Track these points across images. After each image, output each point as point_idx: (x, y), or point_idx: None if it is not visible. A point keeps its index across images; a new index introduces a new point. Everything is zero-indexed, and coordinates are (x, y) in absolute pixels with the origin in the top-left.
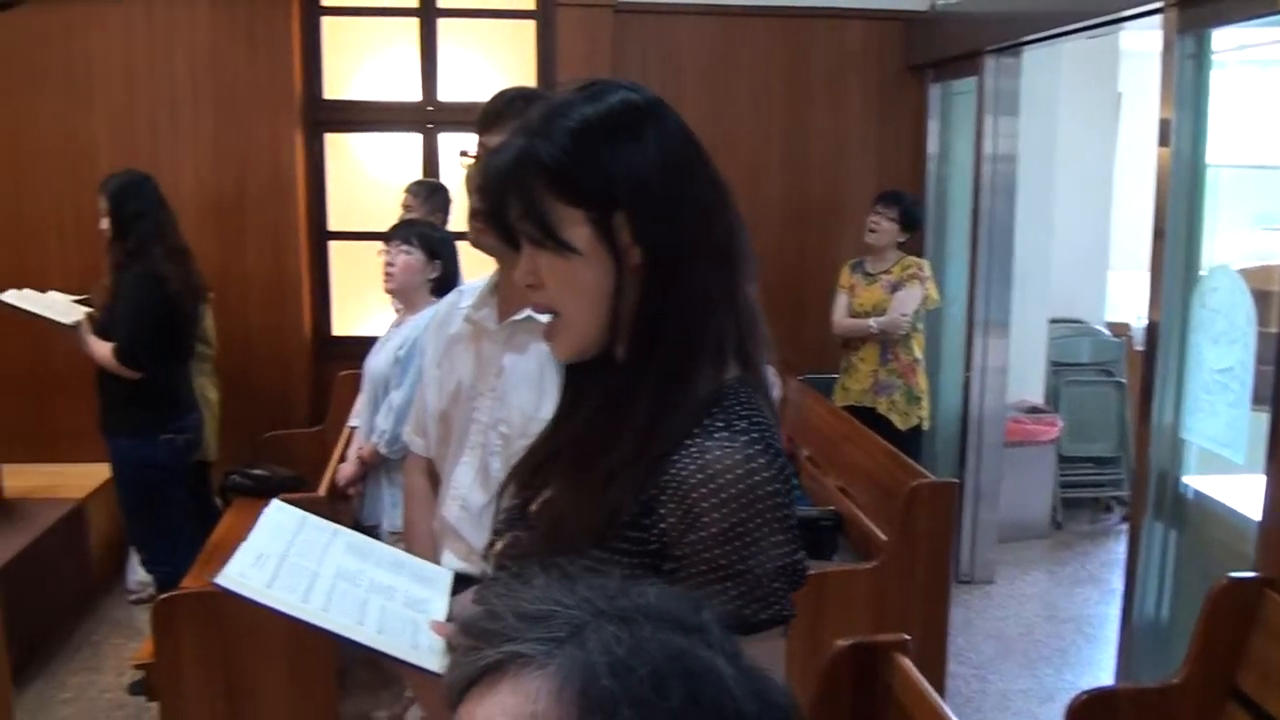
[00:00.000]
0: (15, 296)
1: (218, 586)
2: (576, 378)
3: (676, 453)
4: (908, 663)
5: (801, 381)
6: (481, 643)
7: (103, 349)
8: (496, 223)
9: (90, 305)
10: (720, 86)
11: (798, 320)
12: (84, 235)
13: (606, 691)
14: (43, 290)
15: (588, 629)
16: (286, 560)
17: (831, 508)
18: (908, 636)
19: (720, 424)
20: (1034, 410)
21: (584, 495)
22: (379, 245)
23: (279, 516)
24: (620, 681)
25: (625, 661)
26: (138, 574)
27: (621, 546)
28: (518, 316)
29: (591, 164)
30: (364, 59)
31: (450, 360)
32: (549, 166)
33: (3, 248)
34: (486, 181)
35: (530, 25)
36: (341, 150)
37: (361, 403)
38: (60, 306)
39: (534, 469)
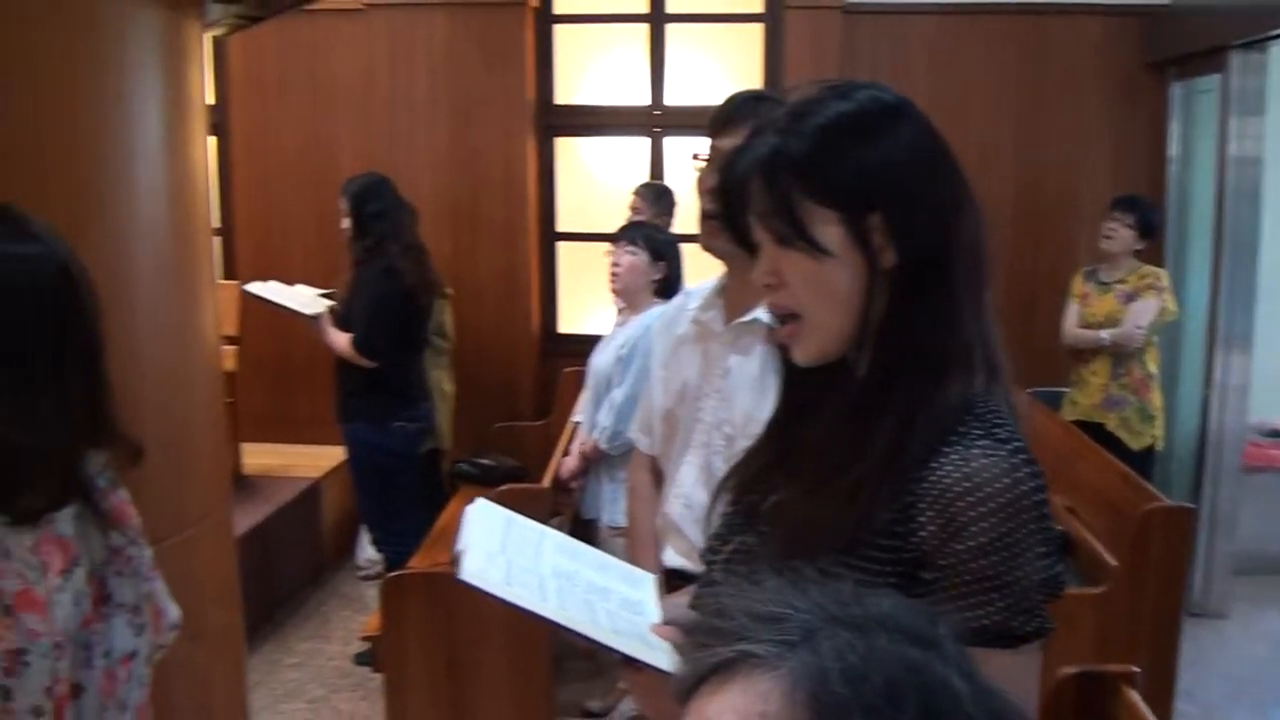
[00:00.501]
0: (261, 288)
1: (461, 582)
2: (801, 381)
3: (934, 460)
4: (1135, 696)
5: (1029, 393)
6: (713, 640)
7: (341, 340)
8: (734, 223)
9: (333, 299)
10: (950, 86)
11: (1026, 329)
12: (326, 233)
13: (839, 698)
14: (289, 284)
15: (821, 634)
16: (509, 558)
17: (1060, 527)
18: (1136, 669)
19: (979, 431)
20: (1276, 433)
21: (830, 503)
22: (605, 246)
23: (486, 514)
24: (853, 689)
25: (859, 669)
26: (367, 552)
27: (873, 555)
28: (744, 319)
29: (845, 162)
30: (594, 64)
31: (677, 360)
32: (801, 164)
33: (252, 244)
34: (729, 181)
35: (758, 29)
36: (571, 154)
37: (585, 399)
38: (305, 299)
39: (758, 473)
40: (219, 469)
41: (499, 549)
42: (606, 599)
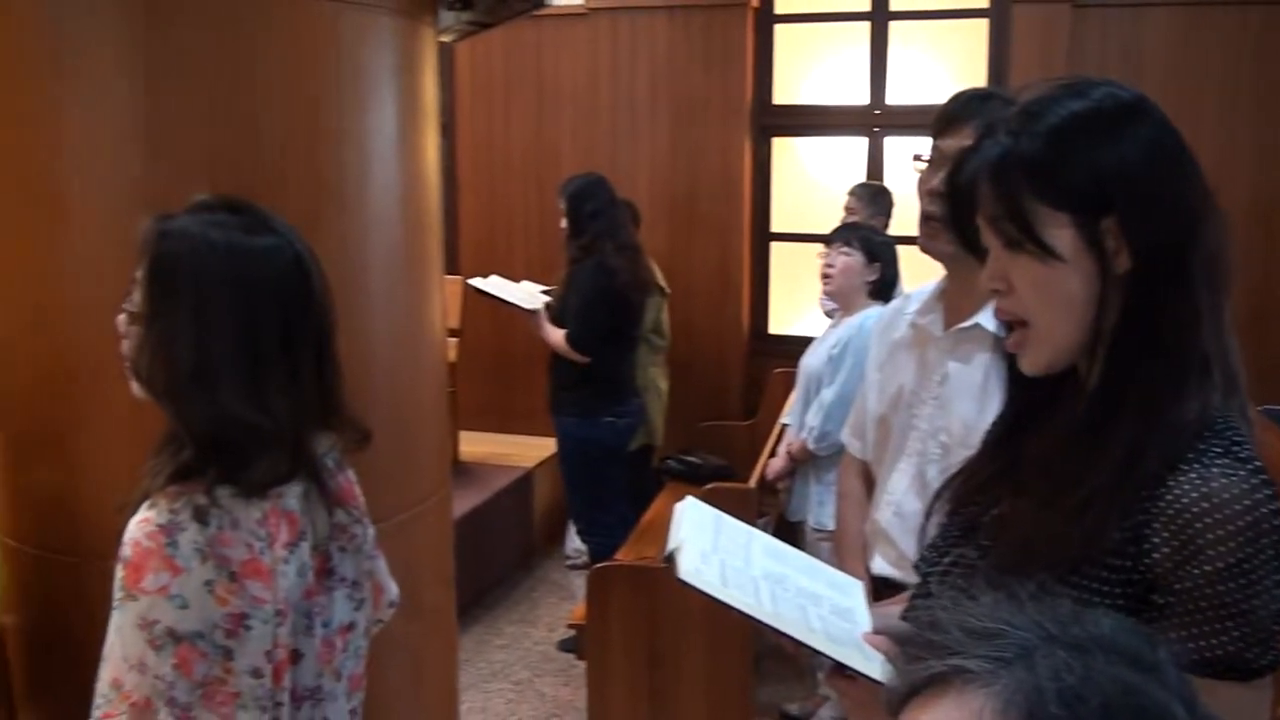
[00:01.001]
0: (484, 283)
1: (680, 581)
2: (1028, 391)
3: (1170, 479)
4: None
5: (1261, 411)
6: (926, 654)
7: (555, 335)
8: (961, 226)
9: (551, 295)
10: (1184, 83)
11: (1261, 342)
12: (546, 231)
13: (1054, 718)
14: (511, 280)
15: (1037, 652)
16: (720, 559)
17: None
18: None
19: (1218, 449)
20: None
21: (1057, 519)
22: (819, 247)
23: (696, 513)
24: (1069, 711)
25: (1075, 690)
26: (575, 542)
27: (1100, 574)
28: (964, 324)
29: (1079, 163)
30: (813, 64)
31: (893, 365)
32: (1033, 166)
33: (474, 240)
34: (957, 183)
35: (983, 25)
36: (788, 154)
37: (794, 400)
38: (524, 294)
39: (980, 484)
40: (441, 455)
41: (711, 549)
42: (818, 604)
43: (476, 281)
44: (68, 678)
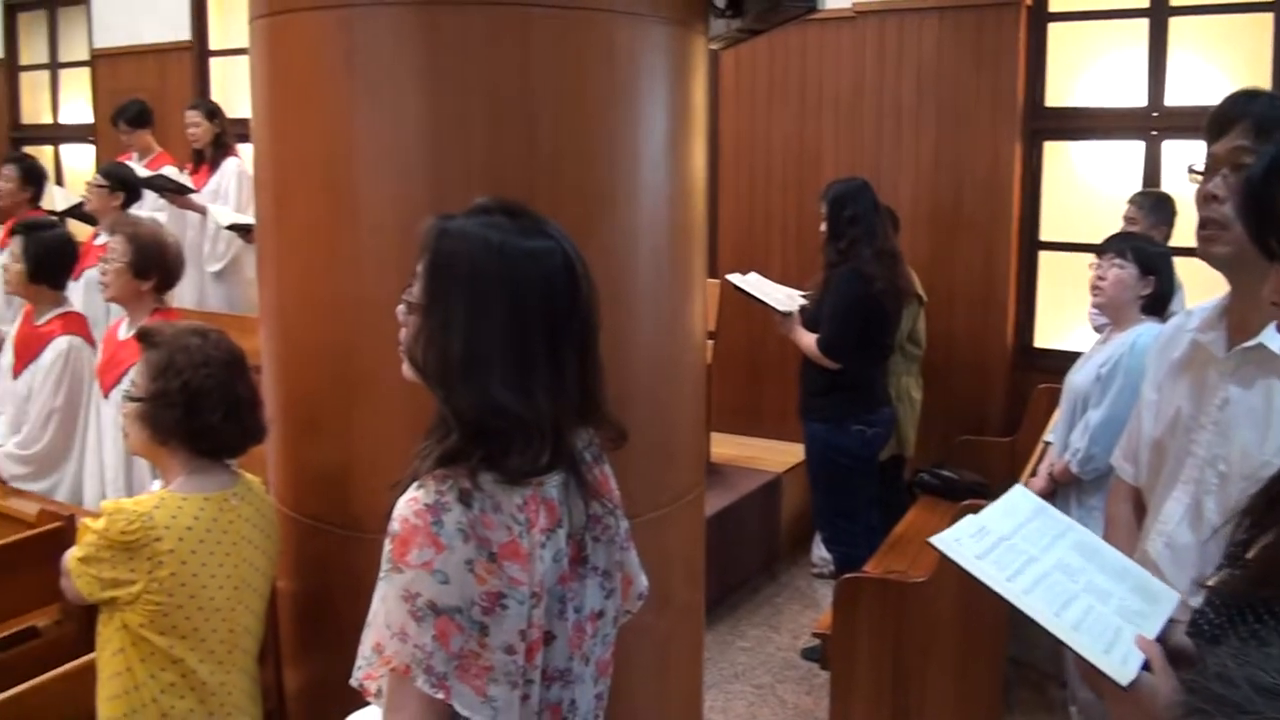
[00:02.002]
0: (742, 280)
1: (931, 544)
2: None
3: None
4: None
5: None
6: (1213, 708)
7: (808, 339)
8: (1257, 234)
9: (807, 300)
10: None
11: None
12: (804, 234)
13: None
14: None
15: None
16: (1008, 541)
17: None
18: None
19: None
20: None
21: None
22: (1090, 257)
23: (1019, 500)
24: None
25: None
26: (821, 550)
27: None
28: (1247, 344)
29: None
30: (1088, 64)
31: (1171, 385)
32: None
33: (733, 244)
34: (1247, 186)
35: (1267, 20)
36: (1060, 158)
37: (1058, 418)
38: (781, 296)
39: (1256, 511)
40: (696, 455)
41: (1005, 531)
42: (1104, 601)
43: (735, 278)
44: (331, 640)
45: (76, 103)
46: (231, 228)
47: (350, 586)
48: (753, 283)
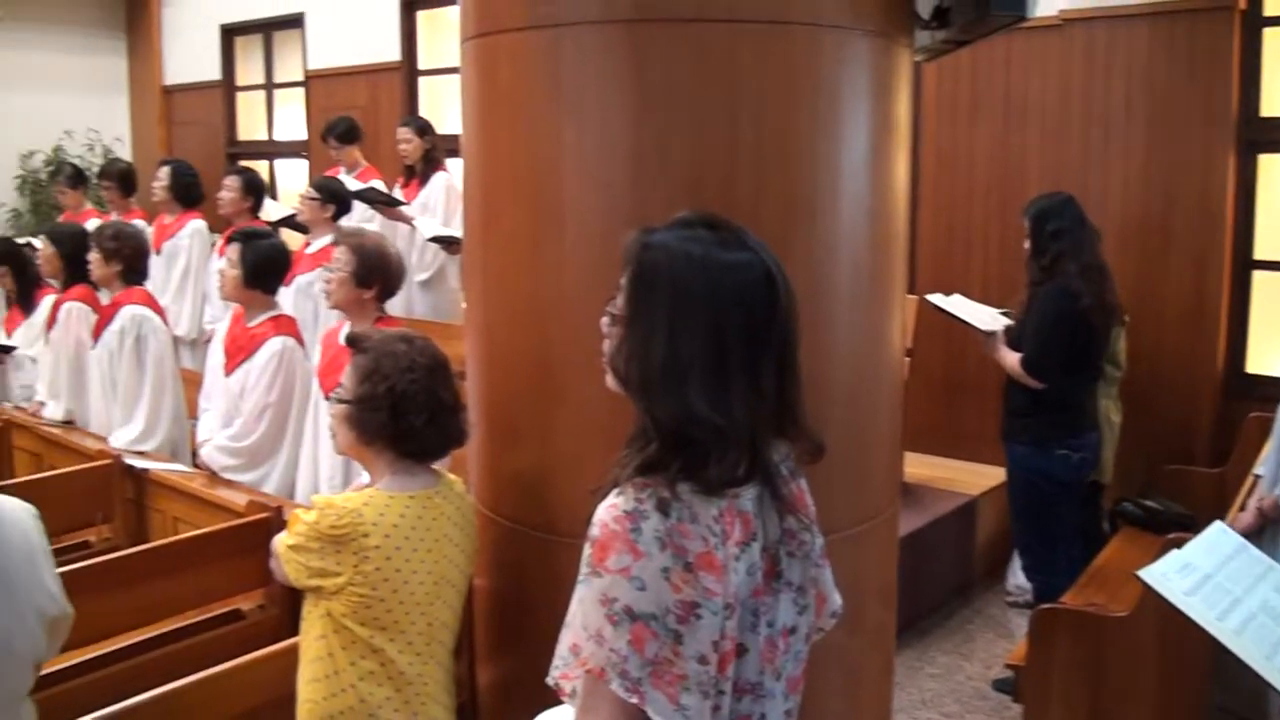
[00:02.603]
0: (943, 300)
1: (1139, 578)
2: None
3: None
4: None
5: None
6: None
7: (1011, 358)
8: None
9: (1010, 318)
10: None
11: None
12: (1006, 250)
13: None
14: (968, 300)
15: None
16: (1213, 579)
17: None
18: None
19: None
20: None
21: None
22: None
23: (1218, 538)
24: None
25: None
26: (1018, 577)
27: None
28: None
29: None
30: None
31: None
32: None
33: (933, 258)
34: None
35: None
36: (1276, 172)
37: (1269, 449)
38: (983, 315)
39: None
40: (891, 474)
41: (1207, 568)
42: None
43: (937, 298)
44: (524, 638)
45: (290, 120)
46: (435, 239)
47: (544, 588)
48: (955, 303)
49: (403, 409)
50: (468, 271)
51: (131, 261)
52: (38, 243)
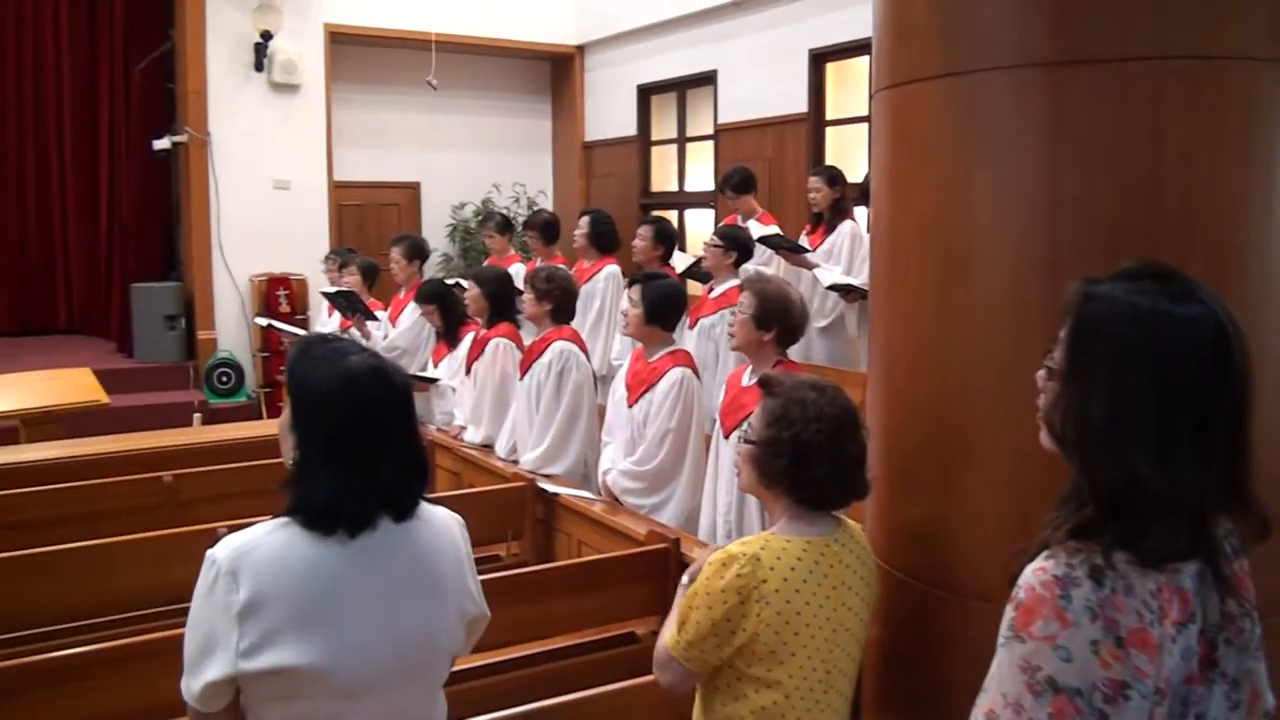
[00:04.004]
0: None
1: None
2: None
3: None
4: None
5: None
6: None
7: None
8: None
9: None
10: None
11: None
12: None
13: None
14: None
15: None
16: None
17: None
18: None
19: None
20: None
21: None
22: None
23: None
24: None
25: None
26: None
27: None
28: None
29: None
30: None
31: None
32: None
33: None
34: None
35: None
36: None
37: None
38: None
39: None
40: None
41: None
42: None
43: None
44: (913, 693)
45: (699, 172)
46: (834, 287)
47: (936, 645)
48: None
49: (805, 458)
50: (873, 318)
51: (561, 301)
52: (464, 284)
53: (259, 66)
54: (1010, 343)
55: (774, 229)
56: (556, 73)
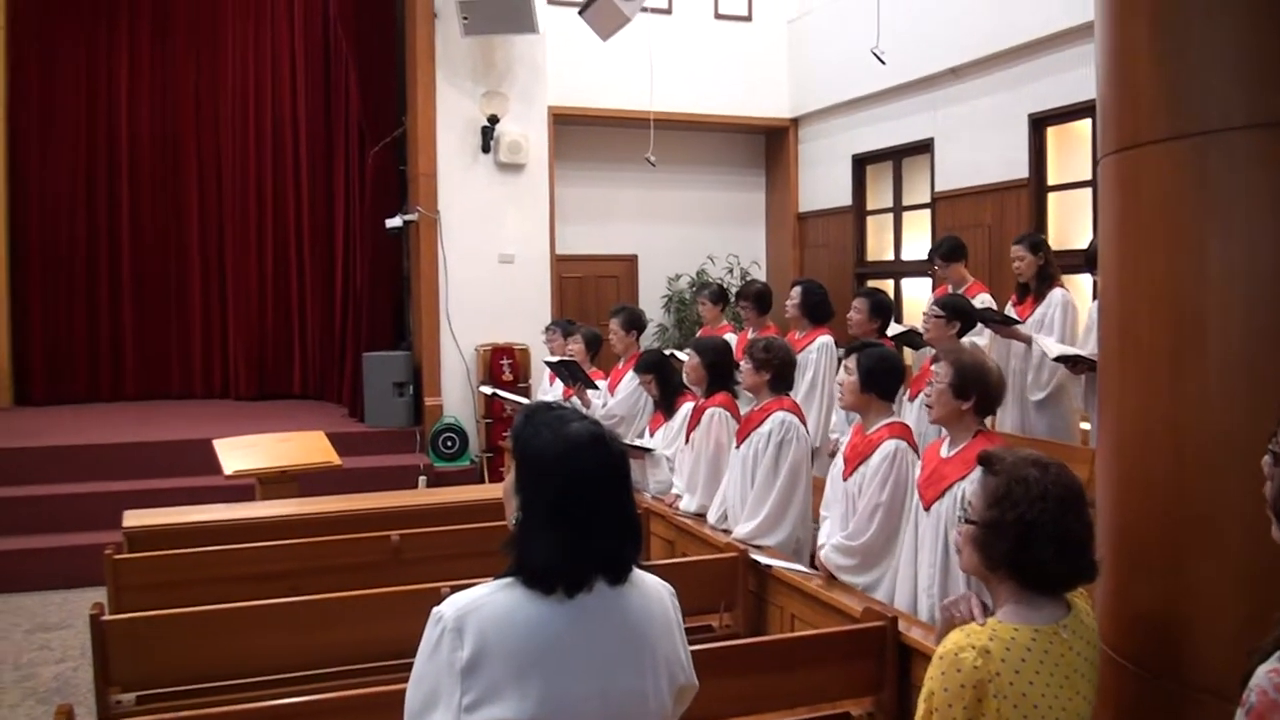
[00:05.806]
0: None
1: None
2: None
3: None
4: None
5: None
6: None
7: None
8: None
9: None
10: None
11: None
12: None
13: None
14: None
15: None
16: None
17: None
18: None
19: None
20: None
21: None
22: None
23: None
24: None
25: None
26: None
27: None
28: None
29: None
30: None
31: None
32: None
33: None
34: None
35: None
36: None
37: None
38: None
39: None
40: None
41: None
42: None
43: None
44: None
45: (915, 240)
46: (1061, 359)
47: None
48: None
49: (1030, 540)
50: (1102, 389)
51: (780, 371)
52: (681, 355)
53: (486, 148)
54: (1248, 418)
55: (985, 297)
56: (771, 145)
